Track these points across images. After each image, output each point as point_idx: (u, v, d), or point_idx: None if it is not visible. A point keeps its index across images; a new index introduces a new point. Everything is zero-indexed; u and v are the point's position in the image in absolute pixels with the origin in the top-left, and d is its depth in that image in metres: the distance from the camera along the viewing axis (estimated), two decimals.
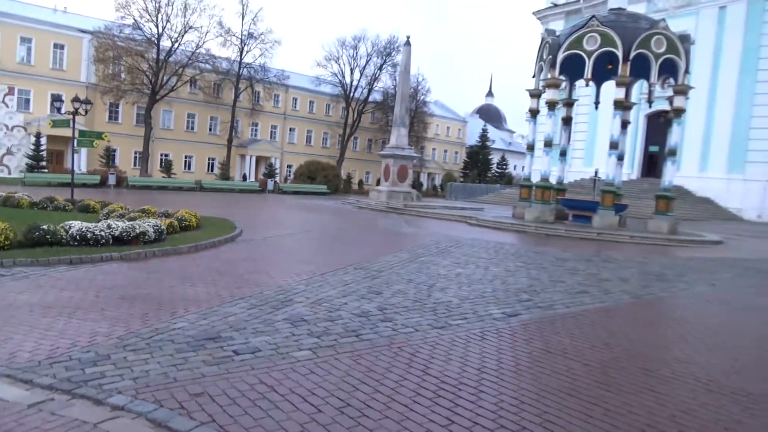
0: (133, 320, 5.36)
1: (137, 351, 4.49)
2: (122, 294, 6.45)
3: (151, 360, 4.30)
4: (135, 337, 4.84)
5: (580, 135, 44.33)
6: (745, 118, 36.11)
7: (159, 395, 3.66)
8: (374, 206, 27.39)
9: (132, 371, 4.05)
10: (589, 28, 18.92)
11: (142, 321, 5.35)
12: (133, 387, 3.77)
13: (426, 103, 62.26)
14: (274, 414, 3.50)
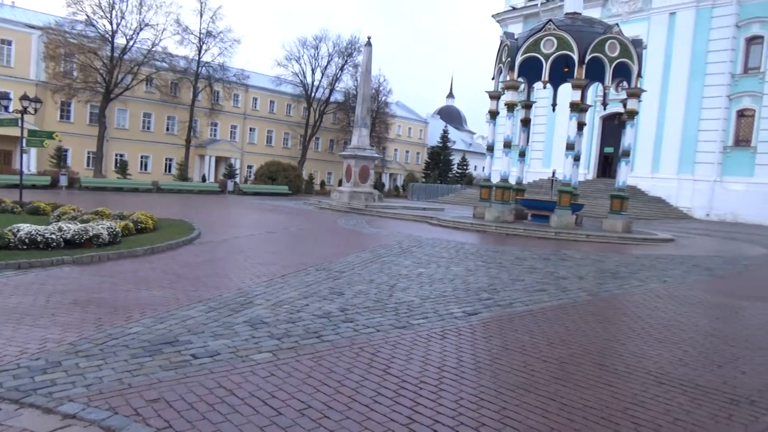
0: (85, 326, 5.20)
1: (90, 357, 4.35)
2: (74, 299, 6.25)
3: (105, 366, 4.18)
4: (88, 343, 4.70)
5: (539, 136, 45.28)
6: (694, 121, 37.54)
7: (113, 402, 3.57)
8: (336, 207, 27.31)
9: (85, 378, 3.93)
10: (546, 31, 19.34)
11: (95, 326, 5.19)
12: (85, 394, 3.66)
13: (387, 103, 62.47)
14: (233, 418, 3.45)
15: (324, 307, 6.41)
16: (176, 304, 6.17)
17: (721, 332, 6.46)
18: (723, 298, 8.75)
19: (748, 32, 35.77)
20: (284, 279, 8.02)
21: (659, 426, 3.67)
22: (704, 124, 37.14)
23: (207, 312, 5.91)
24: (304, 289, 7.36)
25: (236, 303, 6.38)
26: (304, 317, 5.92)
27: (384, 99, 60.92)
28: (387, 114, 62.69)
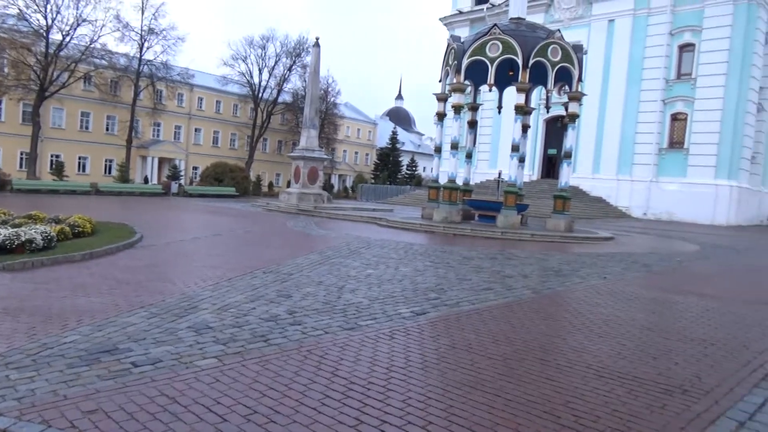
0: (16, 335, 4.95)
1: (22, 369, 4.15)
2: (4, 307, 5.94)
3: (38, 377, 3.99)
4: (19, 353, 4.48)
5: (485, 138, 46.22)
6: (631, 124, 39.19)
7: (47, 415, 3.41)
8: (284, 208, 27.03)
9: (16, 391, 3.74)
10: (492, 35, 19.76)
11: (27, 336, 4.95)
12: (17, 407, 3.48)
13: (336, 104, 62.34)
14: (176, 426, 3.37)
15: (271, 311, 6.34)
16: (116, 311, 5.96)
17: (657, 326, 6.76)
18: (658, 293, 9.17)
19: (681, 40, 37.64)
20: (230, 282, 7.87)
21: (598, 417, 3.82)
22: (641, 127, 38.83)
23: (149, 318, 5.73)
24: (251, 293, 7.24)
25: (180, 308, 6.22)
26: (251, 321, 5.83)
27: (333, 100, 60.77)
28: (336, 115, 62.54)
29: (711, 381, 4.70)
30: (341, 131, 67.07)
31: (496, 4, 45.84)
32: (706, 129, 36.08)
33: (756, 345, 6.03)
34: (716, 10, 35.71)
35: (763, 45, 36.41)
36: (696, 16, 36.76)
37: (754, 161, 38.06)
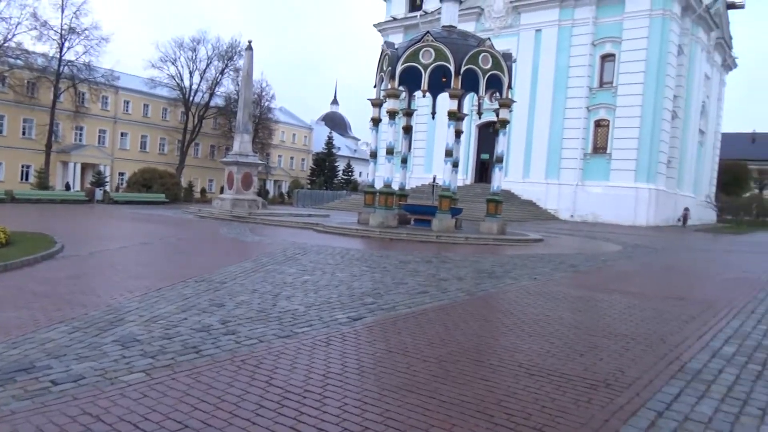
0: None
1: None
2: None
3: None
4: None
5: (420, 143, 46.89)
6: (558, 130, 40.87)
7: None
8: (218, 215, 26.38)
9: None
10: (425, 42, 20.10)
11: None
12: None
13: (271, 109, 61.54)
14: None
15: (203, 320, 6.16)
16: (34, 326, 5.62)
17: (583, 323, 7.06)
18: (585, 292, 9.58)
19: (603, 50, 39.66)
20: (160, 293, 7.59)
21: (529, 414, 3.94)
22: (567, 133, 40.57)
23: (70, 333, 5.44)
24: (181, 303, 7.01)
25: (105, 321, 5.94)
26: (182, 332, 5.64)
27: (267, 104, 59.97)
28: (270, 120, 61.74)
29: (632, 374, 4.95)
30: (276, 136, 66.22)
31: (429, 12, 46.69)
32: (627, 135, 38.14)
33: (672, 338, 6.41)
34: (634, 23, 37.88)
35: (675, 56, 38.89)
36: (616, 27, 38.84)
37: (670, 165, 40.52)
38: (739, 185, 68.97)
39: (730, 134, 72.43)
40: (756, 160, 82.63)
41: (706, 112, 48.08)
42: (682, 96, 41.09)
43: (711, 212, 50.28)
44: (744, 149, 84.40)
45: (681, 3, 38.45)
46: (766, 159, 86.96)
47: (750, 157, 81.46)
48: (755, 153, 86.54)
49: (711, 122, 50.58)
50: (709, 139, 50.84)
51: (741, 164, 71.56)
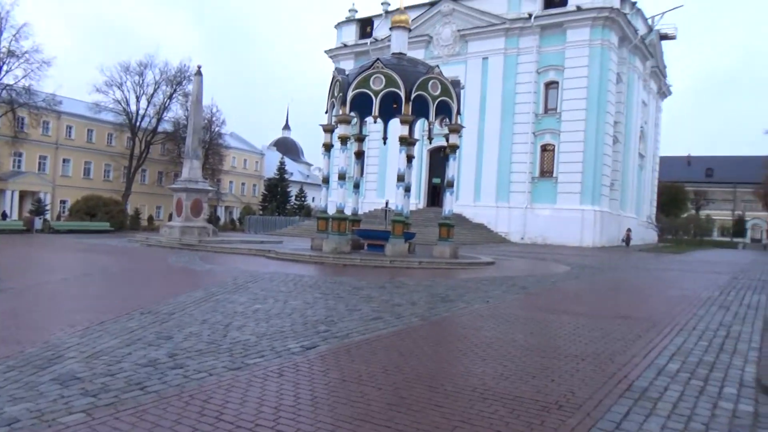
0: None
1: None
2: None
3: None
4: None
5: (372, 168, 47.19)
6: (507, 154, 41.94)
7: None
8: (166, 243, 25.65)
9: None
10: (375, 69, 20.37)
11: None
12: None
13: (221, 134, 60.84)
14: None
15: (149, 355, 5.93)
16: None
17: (535, 345, 7.17)
18: (535, 314, 9.75)
19: (547, 77, 41.20)
20: (103, 326, 7.28)
21: None
22: (515, 157, 41.70)
23: (4, 372, 5.13)
24: (126, 336, 6.74)
25: (42, 359, 5.63)
26: (126, 368, 5.41)
27: (217, 129, 59.26)
28: (221, 145, 60.98)
29: (583, 395, 5.04)
30: (227, 162, 65.36)
31: (380, 39, 47.48)
32: (571, 159, 39.51)
33: (620, 358, 6.58)
34: (574, 52, 39.59)
35: (615, 84, 40.79)
36: (558, 56, 40.48)
37: (613, 188, 42.13)
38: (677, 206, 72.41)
39: (667, 157, 76.08)
40: (691, 181, 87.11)
41: (644, 137, 50.41)
42: (622, 122, 43.02)
43: (653, 232, 52.41)
44: (680, 172, 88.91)
45: (618, 34, 40.48)
46: (700, 181, 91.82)
47: (686, 179, 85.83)
48: (691, 175, 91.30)
49: (650, 146, 53.04)
50: (649, 162, 53.23)
51: (678, 186, 75.25)
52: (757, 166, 71.77)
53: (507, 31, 41.88)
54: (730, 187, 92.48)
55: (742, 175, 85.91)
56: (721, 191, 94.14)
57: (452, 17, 44.52)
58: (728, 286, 15.63)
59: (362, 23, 51.12)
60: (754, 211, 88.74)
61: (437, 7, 45.26)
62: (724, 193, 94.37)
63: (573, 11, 39.58)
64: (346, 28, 51.81)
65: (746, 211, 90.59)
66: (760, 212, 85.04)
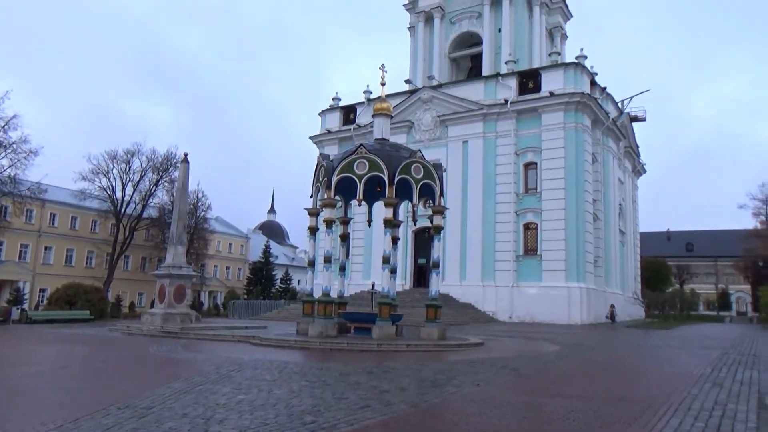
0: None
1: None
2: None
3: None
4: None
5: (358, 249, 47.24)
6: (491, 233, 42.37)
7: None
8: (147, 331, 24.97)
9: None
10: (359, 155, 20.88)
11: None
12: None
13: (207, 219, 61.03)
14: None
15: None
16: None
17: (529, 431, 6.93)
18: (528, 397, 9.49)
19: (526, 159, 42.47)
20: (77, 424, 6.92)
21: None
22: (499, 236, 42.10)
23: None
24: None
25: None
26: None
27: (203, 214, 59.51)
28: (206, 230, 61.02)
29: None
30: (212, 246, 65.16)
31: (363, 125, 48.98)
32: (554, 237, 39.99)
33: None
34: (550, 135, 41.13)
35: (591, 163, 42.12)
36: (535, 139, 41.98)
37: (597, 264, 42.43)
38: (661, 281, 72.81)
39: (648, 233, 77.48)
40: (673, 256, 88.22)
41: (624, 214, 51.47)
42: (601, 199, 44.05)
43: (639, 308, 52.29)
44: (661, 246, 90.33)
45: (590, 117, 42.32)
46: (681, 255, 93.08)
47: (667, 253, 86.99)
48: (671, 250, 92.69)
49: (629, 223, 54.04)
50: (629, 238, 54.03)
51: (660, 261, 76.04)
52: (735, 240, 73.20)
53: (485, 116, 43.57)
54: (711, 261, 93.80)
55: (721, 249, 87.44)
56: (702, 265, 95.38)
57: (432, 104, 46.35)
58: (720, 362, 15.46)
59: (345, 110, 52.91)
60: (736, 284, 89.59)
61: (417, 95, 47.20)
62: (705, 266, 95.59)
63: (546, 97, 41.49)
64: (330, 115, 53.53)
65: (729, 284, 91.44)
66: (742, 285, 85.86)
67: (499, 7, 50.79)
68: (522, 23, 50.97)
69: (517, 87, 43.54)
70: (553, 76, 42.57)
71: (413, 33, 55.54)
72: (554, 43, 55.98)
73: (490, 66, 50.02)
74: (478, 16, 52.06)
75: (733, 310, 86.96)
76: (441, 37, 53.57)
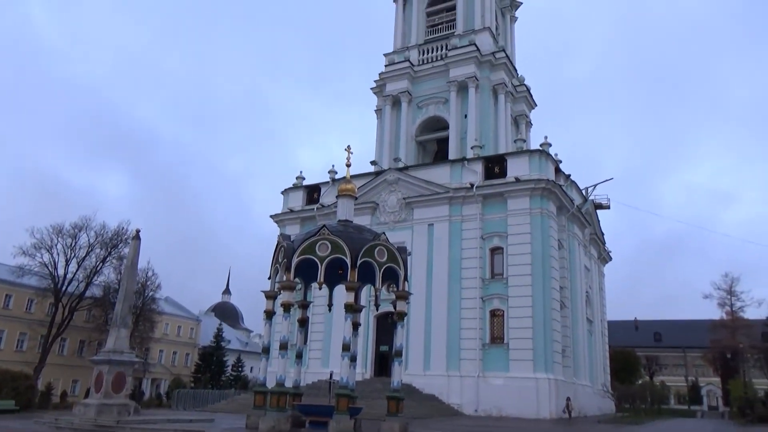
0: None
1: None
2: None
3: None
4: None
5: (317, 335, 46.19)
6: (456, 320, 42.12)
7: None
8: (78, 425, 23.37)
9: None
10: (321, 236, 20.89)
11: None
12: None
13: (155, 299, 59.27)
14: None
15: None
16: None
17: None
18: None
19: (491, 243, 43.13)
20: None
21: None
22: (465, 323, 41.85)
23: None
24: None
25: None
26: None
27: (151, 294, 57.81)
28: (154, 311, 59.11)
29: None
30: (159, 329, 62.84)
31: (326, 205, 49.38)
32: (521, 324, 39.97)
33: None
34: (516, 220, 42.14)
35: (557, 249, 43.03)
36: (501, 224, 42.90)
37: (565, 354, 42.35)
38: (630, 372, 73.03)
39: (615, 322, 78.39)
40: (641, 347, 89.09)
41: (591, 302, 52.15)
42: (568, 287, 44.65)
43: (609, 401, 51.93)
44: (629, 336, 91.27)
45: (555, 203, 43.73)
46: (649, 345, 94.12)
47: (635, 343, 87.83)
48: (639, 339, 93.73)
49: (596, 311, 54.69)
50: (597, 327, 54.47)
51: (629, 351, 76.61)
52: (703, 330, 74.67)
53: (450, 199, 44.55)
54: (680, 352, 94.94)
55: (690, 339, 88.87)
56: (671, 356, 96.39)
57: (398, 186, 47.28)
58: None
59: (309, 189, 53.38)
60: (706, 377, 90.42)
61: (383, 176, 48.18)
62: (674, 357, 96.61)
63: (512, 182, 42.86)
64: (293, 194, 53.86)
65: (699, 376, 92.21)
66: (712, 377, 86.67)
67: (465, 94, 53.27)
68: (487, 110, 53.39)
69: (483, 172, 44.94)
70: (519, 162, 44.21)
71: (380, 115, 57.46)
72: (519, 130, 58.75)
73: (456, 150, 51.76)
74: (445, 101, 54.38)
75: (705, 404, 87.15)
76: (408, 120, 55.54)
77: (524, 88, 59.32)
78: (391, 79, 56.40)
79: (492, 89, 54.34)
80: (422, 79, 56.10)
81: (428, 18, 60.50)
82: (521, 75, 59.90)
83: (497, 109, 54.71)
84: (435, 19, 59.99)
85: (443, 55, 55.33)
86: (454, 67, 53.45)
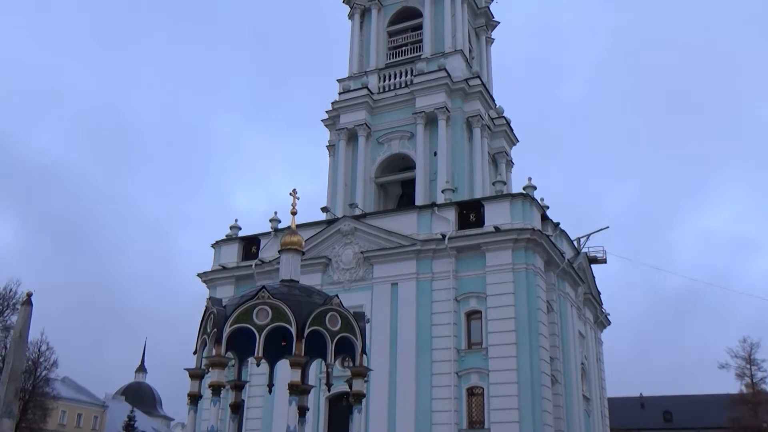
0: None
1: None
2: None
3: None
4: None
5: (254, 422, 45.07)
6: (426, 400, 41.68)
7: None
8: None
9: None
10: (259, 299, 20.68)
11: None
12: None
13: (49, 381, 57.26)
14: None
15: None
16: None
17: None
18: None
19: (468, 306, 43.29)
20: None
21: None
22: (437, 404, 41.42)
23: None
24: None
25: None
26: None
27: (44, 374, 55.79)
28: (47, 395, 56.95)
29: None
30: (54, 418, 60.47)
31: (267, 261, 48.96)
32: (505, 405, 39.78)
33: None
34: (497, 278, 42.49)
35: (546, 313, 43.43)
36: (479, 282, 43.16)
37: None
38: None
39: (617, 399, 78.97)
40: (649, 428, 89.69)
41: (587, 375, 52.46)
42: (559, 357, 44.85)
43: None
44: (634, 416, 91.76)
45: (543, 257, 44.38)
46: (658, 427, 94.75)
47: (641, 425, 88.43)
48: (646, 420, 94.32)
49: (594, 386, 54.96)
50: (596, 405, 54.65)
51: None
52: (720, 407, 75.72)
53: (418, 253, 44.71)
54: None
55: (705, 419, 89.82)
56: None
57: (354, 237, 47.29)
58: None
59: (246, 242, 52.89)
60: None
61: (336, 226, 48.17)
62: None
63: (491, 232, 43.33)
64: (226, 248, 53.25)
65: None
66: None
67: (434, 127, 53.74)
68: (461, 147, 54.04)
69: (457, 220, 45.39)
70: (498, 208, 44.84)
71: (333, 152, 57.64)
72: (499, 170, 59.71)
73: (425, 194, 52.16)
74: (411, 136, 54.87)
75: None
76: (366, 158, 55.78)
77: (503, 120, 60.52)
78: (346, 110, 56.80)
79: (466, 122, 55.22)
80: (383, 110, 56.73)
81: (390, 38, 61.47)
82: (500, 106, 61.14)
83: (472, 146, 55.42)
84: (398, 40, 61.00)
85: (408, 81, 56.26)
86: (420, 95, 54.17)
